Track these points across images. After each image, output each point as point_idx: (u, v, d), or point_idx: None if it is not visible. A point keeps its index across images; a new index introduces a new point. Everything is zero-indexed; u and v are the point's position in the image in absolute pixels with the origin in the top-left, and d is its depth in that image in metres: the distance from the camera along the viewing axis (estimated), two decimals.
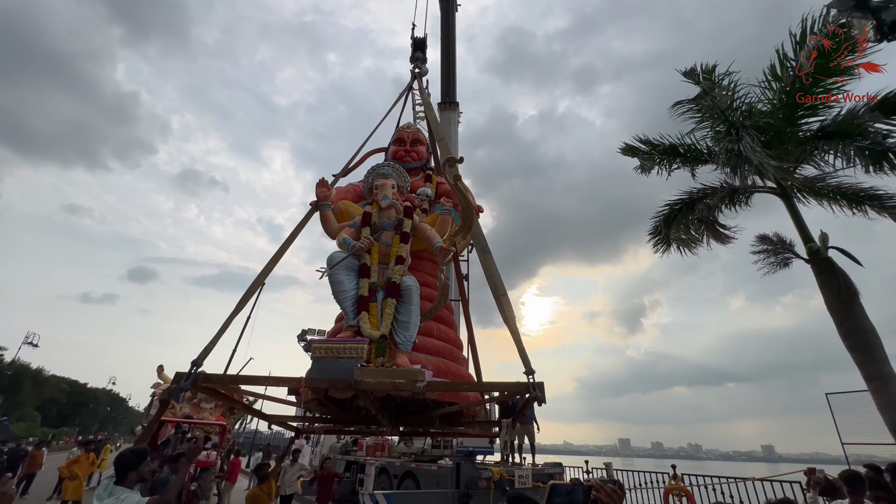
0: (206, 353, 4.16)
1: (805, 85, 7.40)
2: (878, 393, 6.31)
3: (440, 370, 4.64)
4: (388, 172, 5.53)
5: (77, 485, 9.68)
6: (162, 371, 24.32)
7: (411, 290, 4.67)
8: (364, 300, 4.63)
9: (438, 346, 4.88)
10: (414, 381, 3.67)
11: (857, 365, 6.62)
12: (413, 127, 6.87)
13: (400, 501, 7.63)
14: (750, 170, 6.72)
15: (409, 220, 5.11)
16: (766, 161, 6.20)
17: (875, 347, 6.52)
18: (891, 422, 6.16)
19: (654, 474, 10.37)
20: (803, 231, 7.70)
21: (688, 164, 9.18)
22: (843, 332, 6.83)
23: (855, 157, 6.47)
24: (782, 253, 8.12)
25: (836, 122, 6.85)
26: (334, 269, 4.69)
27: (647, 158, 9.12)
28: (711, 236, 8.70)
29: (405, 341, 4.51)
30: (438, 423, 4.76)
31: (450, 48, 14.22)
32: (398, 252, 4.90)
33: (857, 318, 6.70)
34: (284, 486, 9.76)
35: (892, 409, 6.15)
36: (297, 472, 10.31)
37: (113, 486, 3.04)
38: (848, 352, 6.77)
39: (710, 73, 8.25)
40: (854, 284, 6.90)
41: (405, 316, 4.55)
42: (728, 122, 8.06)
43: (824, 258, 7.28)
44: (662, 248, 8.89)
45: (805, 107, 7.68)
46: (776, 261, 8.17)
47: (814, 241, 7.39)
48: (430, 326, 5.05)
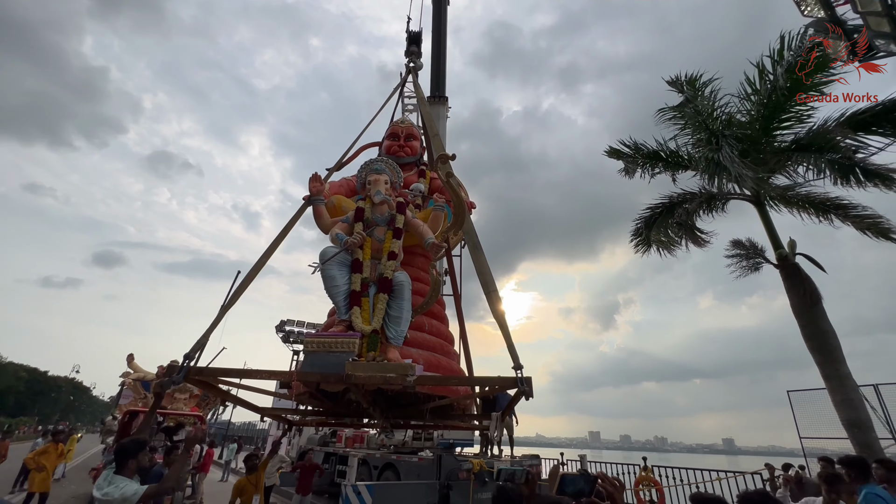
0: (199, 347, 4.13)
1: (780, 98, 7.78)
2: (835, 391, 6.78)
3: (431, 364, 4.72)
4: (381, 168, 5.56)
5: (44, 476, 9.37)
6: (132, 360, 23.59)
7: (403, 286, 4.74)
8: (356, 295, 4.66)
9: (430, 341, 4.97)
10: (404, 376, 3.73)
11: (817, 365, 7.07)
12: (407, 122, 6.88)
13: (382, 493, 7.72)
14: (728, 178, 7.04)
15: (402, 216, 5.16)
16: (743, 171, 6.51)
17: (834, 349, 6.98)
18: (845, 418, 6.63)
19: (625, 465, 10.82)
20: (774, 238, 8.12)
21: (669, 169, 9.51)
22: (806, 334, 7.27)
23: (826, 169, 6.86)
24: (754, 258, 8.55)
25: (809, 136, 7.24)
26: (327, 265, 4.72)
27: (630, 162, 9.40)
28: (689, 240, 9.08)
29: (396, 336, 4.59)
30: (430, 417, 4.86)
31: (441, 42, 14.15)
32: (390, 248, 4.96)
33: (819, 321, 7.15)
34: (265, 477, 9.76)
35: (847, 407, 6.62)
36: (277, 464, 10.29)
37: (113, 476, 3.11)
38: (809, 352, 7.23)
39: (693, 83, 8.55)
40: (818, 290, 7.35)
41: (396, 311, 4.62)
42: (709, 130, 8.39)
43: (792, 264, 7.71)
44: (643, 248, 9.23)
45: (780, 119, 8.08)
46: (748, 265, 8.61)
47: (783, 248, 7.80)
48: (422, 321, 5.14)
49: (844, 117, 7.32)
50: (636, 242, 9.27)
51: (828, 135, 6.79)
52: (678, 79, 8.59)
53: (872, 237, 8.04)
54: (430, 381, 4.10)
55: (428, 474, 8.98)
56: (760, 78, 8.07)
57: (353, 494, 7.41)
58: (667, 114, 8.80)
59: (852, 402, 6.62)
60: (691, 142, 8.96)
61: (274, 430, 20.56)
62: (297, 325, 21.68)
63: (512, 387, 3.63)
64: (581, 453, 11.64)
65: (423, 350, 4.87)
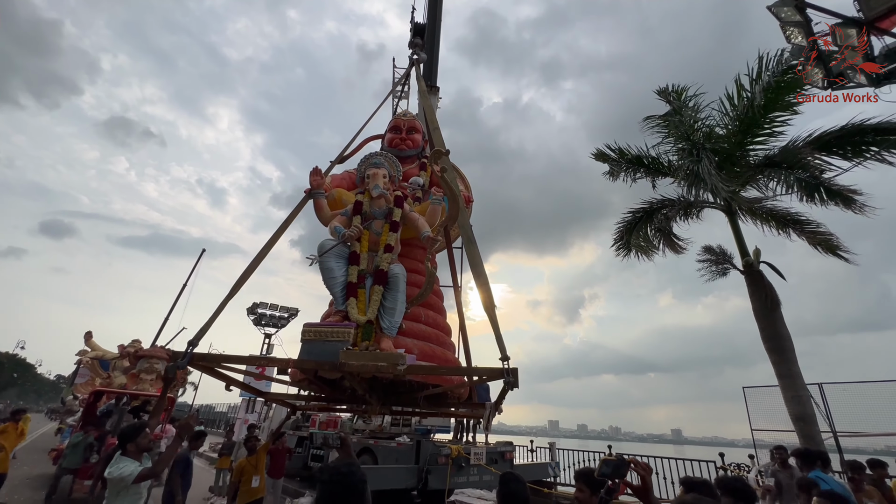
0: (202, 334, 4.23)
1: (756, 115, 8.31)
2: (787, 388, 7.46)
3: (426, 354, 4.89)
4: (379, 162, 5.68)
5: (3, 456, 8.96)
6: (90, 338, 22.50)
7: (398, 278, 4.90)
8: (353, 286, 4.82)
9: (425, 331, 5.14)
10: (395, 365, 3.89)
11: (773, 364, 7.74)
12: (409, 115, 6.93)
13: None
14: (705, 189, 7.51)
15: (399, 210, 5.30)
16: (719, 185, 6.97)
17: (788, 350, 7.66)
18: (793, 413, 7.33)
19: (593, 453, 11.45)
20: (742, 246, 8.73)
21: (650, 174, 9.98)
22: (765, 335, 7.92)
23: (794, 186, 7.44)
24: (722, 264, 9.17)
25: (780, 153, 7.80)
26: (324, 257, 4.83)
27: (615, 165, 9.79)
28: (667, 245, 9.60)
29: (390, 326, 4.75)
30: (426, 404, 5.04)
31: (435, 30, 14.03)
32: (387, 240, 5.12)
33: (777, 324, 7.80)
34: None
35: (796, 403, 7.31)
36: None
37: (118, 457, 3.44)
38: (767, 352, 7.89)
39: (679, 95, 8.98)
40: (777, 295, 8.00)
41: (391, 302, 4.78)
42: (690, 141, 8.86)
43: (756, 271, 8.33)
44: (624, 252, 9.70)
45: (754, 134, 8.63)
46: (717, 270, 9.23)
47: (749, 256, 8.41)
48: (418, 312, 5.29)
49: (812, 137, 7.93)
50: (617, 246, 9.72)
51: (797, 154, 7.34)
52: (667, 89, 8.99)
53: (822, 252, 8.80)
54: (420, 370, 4.26)
55: (406, 459, 9.22)
56: (738, 95, 8.58)
57: None
58: (653, 122, 9.20)
59: (801, 398, 7.32)
60: (673, 150, 9.42)
61: (243, 413, 20.30)
62: (269, 308, 21.27)
63: (499, 377, 3.71)
64: (551, 440, 12.20)
65: (418, 340, 5.03)
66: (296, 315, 21.41)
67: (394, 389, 5.05)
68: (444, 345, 5.15)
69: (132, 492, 3.38)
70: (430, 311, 5.37)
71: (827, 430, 7.93)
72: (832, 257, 8.55)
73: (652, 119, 9.17)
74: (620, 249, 9.72)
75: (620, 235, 9.58)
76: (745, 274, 8.51)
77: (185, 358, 3.95)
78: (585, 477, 2.55)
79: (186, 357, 3.95)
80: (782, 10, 5.55)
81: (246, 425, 20.28)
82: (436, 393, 5.00)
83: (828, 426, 7.91)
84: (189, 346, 4.03)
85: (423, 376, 4.75)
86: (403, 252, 5.56)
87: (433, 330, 5.19)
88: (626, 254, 9.66)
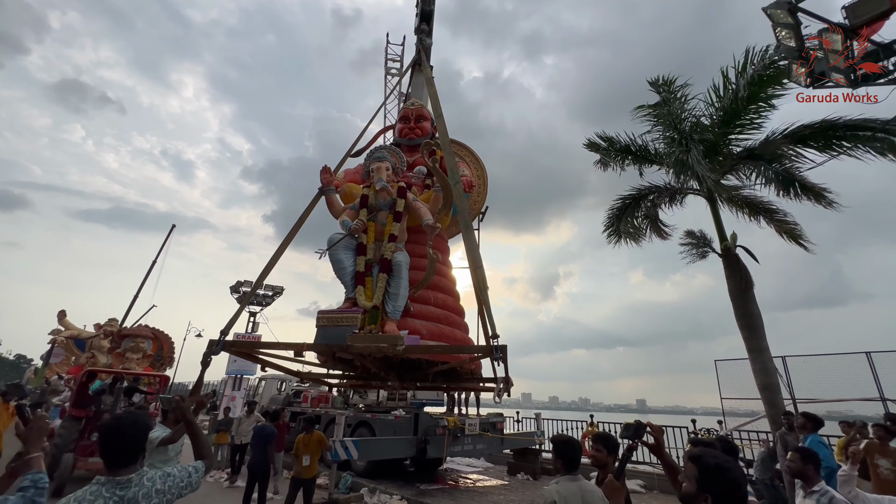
0: (232, 324, 4.68)
1: (739, 106, 8.79)
2: (755, 361, 8.23)
3: (434, 334, 5.25)
4: (382, 156, 6.02)
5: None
6: (64, 317, 21.84)
7: (400, 265, 5.31)
8: (360, 275, 5.26)
9: (434, 313, 5.48)
10: (394, 345, 4.30)
11: (745, 339, 8.49)
12: (418, 104, 7.08)
13: (367, 447, 8.31)
14: (691, 177, 7.99)
15: (403, 200, 5.66)
16: (707, 174, 7.46)
17: (758, 327, 8.40)
18: (760, 382, 8.14)
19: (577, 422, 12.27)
20: (721, 231, 9.36)
21: (637, 162, 10.42)
22: (738, 314, 8.64)
23: (773, 179, 8.00)
24: (702, 247, 9.83)
25: (760, 146, 8.33)
26: (333, 249, 5.27)
27: (605, 155, 10.17)
28: (653, 231, 10.16)
29: (394, 310, 5.17)
30: (442, 379, 5.44)
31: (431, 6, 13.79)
32: (391, 230, 5.50)
33: (750, 304, 8.52)
34: (240, 435, 9.89)
35: (763, 373, 8.11)
36: (253, 423, 10.42)
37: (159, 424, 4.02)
38: (739, 329, 8.63)
39: (668, 85, 9.34)
40: (751, 277, 8.69)
41: (394, 288, 5.21)
42: (678, 131, 9.30)
43: (733, 255, 8.99)
44: (615, 239, 10.22)
45: (736, 125, 9.15)
46: (697, 253, 9.89)
47: (727, 241, 9.06)
48: (428, 295, 5.62)
49: (788, 131, 8.48)
50: (608, 233, 10.22)
51: (776, 147, 7.88)
52: (657, 80, 9.34)
53: (787, 240, 9.57)
54: (417, 349, 4.63)
55: (404, 431, 9.68)
56: (724, 86, 9.01)
57: (342, 449, 7.93)
58: (643, 111, 9.57)
59: (768, 370, 8.11)
60: (660, 139, 9.86)
61: (230, 390, 20.37)
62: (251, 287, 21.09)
63: (487, 354, 4.05)
64: (536, 412, 12.97)
65: (427, 321, 5.39)
66: (281, 293, 21.34)
67: (409, 367, 5.42)
68: (454, 325, 5.51)
69: (159, 452, 3.99)
70: (439, 293, 5.69)
71: (787, 397, 8.83)
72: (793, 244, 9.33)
73: (643, 108, 9.54)
74: (611, 236, 10.23)
75: (611, 222, 10.07)
76: (722, 257, 9.16)
77: (219, 345, 4.35)
78: (604, 439, 2.98)
79: (220, 345, 4.35)
80: (776, 12, 5.90)
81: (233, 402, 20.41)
82: (446, 369, 5.39)
83: (788, 394, 8.82)
84: (221, 334, 4.41)
85: (430, 354, 5.12)
86: (412, 239, 5.86)
87: (442, 311, 5.54)
88: (616, 240, 10.19)
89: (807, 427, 4.90)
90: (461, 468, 11.78)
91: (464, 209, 5.08)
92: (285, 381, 17.08)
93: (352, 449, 8.07)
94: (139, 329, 15.98)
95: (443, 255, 6.32)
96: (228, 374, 19.74)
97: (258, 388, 17.99)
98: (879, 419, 5.80)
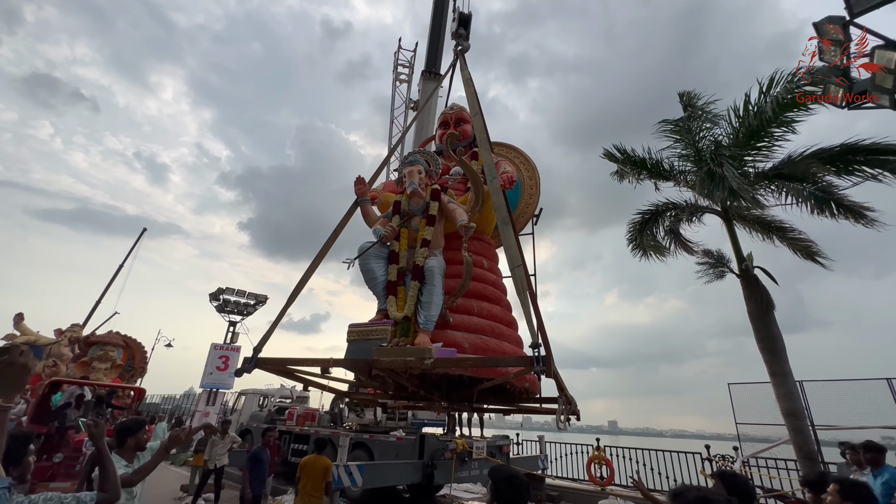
0: (265, 341, 4.43)
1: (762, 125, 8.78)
2: (779, 385, 8.00)
3: (478, 347, 4.73)
4: (414, 159, 5.75)
5: None
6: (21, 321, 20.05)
7: (433, 271, 4.86)
8: (392, 285, 4.92)
9: (479, 324, 4.97)
10: (422, 359, 3.82)
11: (766, 363, 8.27)
12: (456, 107, 6.93)
13: (371, 472, 7.59)
14: (723, 192, 7.85)
15: (436, 203, 5.30)
16: (745, 187, 7.33)
17: (780, 350, 8.21)
18: (785, 408, 7.89)
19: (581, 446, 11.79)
20: (738, 250, 9.24)
21: (652, 177, 10.30)
22: (759, 336, 8.44)
23: (808, 199, 7.94)
24: (719, 267, 9.70)
25: (787, 165, 8.30)
26: (364, 259, 4.98)
27: (624, 165, 10.03)
28: (679, 246, 9.99)
29: (426, 321, 4.68)
30: (493, 399, 4.91)
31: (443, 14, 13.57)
32: (423, 235, 5.10)
33: (771, 326, 8.34)
34: (213, 458, 9.00)
35: (788, 398, 7.87)
36: (229, 444, 9.49)
37: (113, 454, 3.14)
38: (760, 352, 8.42)
39: (692, 101, 9.30)
40: (772, 298, 8.55)
41: (427, 297, 4.75)
42: (697, 148, 9.23)
43: (752, 275, 8.85)
44: (640, 253, 10.02)
45: (752, 147, 9.14)
46: (714, 272, 9.75)
47: (747, 261, 8.93)
48: (470, 305, 5.12)
49: (808, 152, 8.49)
50: (632, 247, 10.02)
51: (810, 167, 7.85)
52: (684, 93, 9.30)
53: (802, 258, 9.56)
54: (447, 363, 4.13)
55: (408, 454, 8.98)
56: (745, 107, 9.02)
57: (345, 474, 7.20)
58: (666, 125, 9.49)
59: (792, 394, 7.89)
60: (678, 155, 9.77)
61: (202, 406, 18.97)
62: (235, 295, 19.93)
63: (528, 366, 3.52)
64: (539, 434, 12.43)
65: (469, 333, 4.87)
66: (264, 302, 20.29)
67: (454, 385, 4.88)
68: (502, 337, 5.00)
69: None
70: (483, 302, 5.20)
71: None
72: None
73: (667, 122, 9.45)
74: (636, 249, 10.02)
75: (633, 236, 9.87)
76: (740, 278, 9.02)
77: (252, 363, 4.17)
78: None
79: (253, 362, 4.17)
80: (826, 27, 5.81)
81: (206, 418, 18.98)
82: (491, 386, 4.86)
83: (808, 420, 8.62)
84: (255, 352, 4.25)
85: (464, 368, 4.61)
86: (452, 245, 5.41)
87: (488, 322, 5.03)
88: (642, 254, 9.98)
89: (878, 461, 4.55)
90: (460, 494, 11.07)
91: (501, 205, 4.65)
92: (268, 396, 16.01)
93: (356, 474, 7.34)
94: (109, 336, 14.69)
95: (489, 262, 5.85)
96: (203, 388, 18.39)
97: (236, 404, 16.80)
98: None
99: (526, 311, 3.78)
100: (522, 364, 3.66)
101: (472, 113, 6.16)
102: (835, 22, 5.66)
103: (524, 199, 6.48)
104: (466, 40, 6.69)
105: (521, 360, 3.71)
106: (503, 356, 4.85)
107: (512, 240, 4.28)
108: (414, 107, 15.60)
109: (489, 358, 4.59)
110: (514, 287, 4.27)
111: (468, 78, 6.20)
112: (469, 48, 6.67)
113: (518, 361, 3.83)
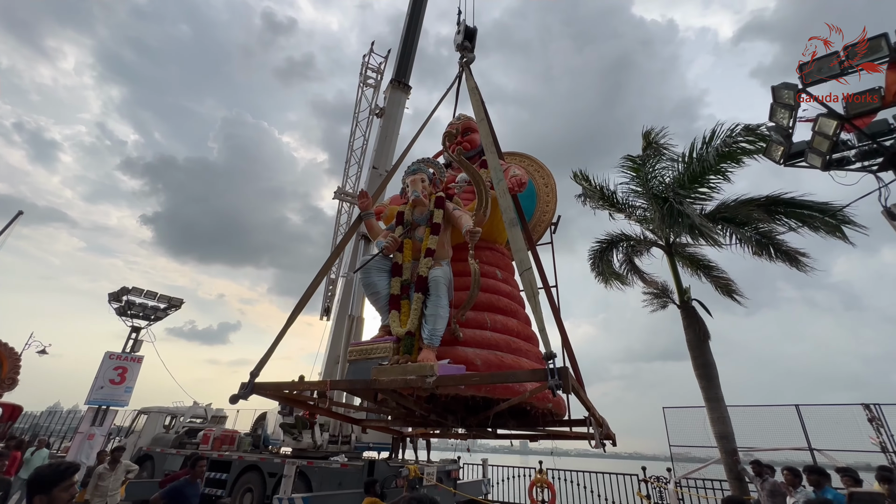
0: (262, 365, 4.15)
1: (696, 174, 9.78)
2: (713, 410, 8.69)
3: (492, 364, 4.40)
4: (416, 168, 5.53)
5: None
6: None
7: (438, 282, 4.55)
8: (395, 298, 4.60)
9: (493, 339, 4.66)
10: (423, 377, 3.54)
11: (701, 389, 8.97)
12: (463, 118, 6.78)
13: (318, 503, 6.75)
14: (685, 228, 8.52)
15: (440, 211, 5.05)
16: (704, 224, 8.00)
17: (714, 377, 8.96)
18: (717, 431, 8.56)
19: (522, 469, 11.77)
20: (678, 283, 10.05)
21: (606, 207, 10.95)
22: (696, 364, 9.15)
23: (748, 241, 8.86)
24: (663, 297, 10.46)
25: (725, 209, 9.27)
26: (363, 272, 4.74)
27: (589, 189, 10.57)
28: (636, 275, 10.59)
29: (431, 336, 4.31)
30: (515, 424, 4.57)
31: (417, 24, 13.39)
32: (427, 245, 4.83)
33: (707, 354, 9.10)
34: (103, 495, 7.15)
35: (720, 422, 8.56)
36: (122, 476, 7.72)
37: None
38: (696, 378, 9.11)
39: (651, 141, 10.07)
40: (707, 329, 9.35)
41: (431, 310, 4.42)
42: (648, 187, 9.99)
43: (690, 306, 9.65)
44: (602, 281, 10.46)
45: (694, 190, 10.14)
46: (659, 302, 10.49)
47: (687, 293, 9.73)
48: (483, 318, 4.82)
49: (739, 200, 9.58)
50: (595, 273, 10.45)
51: (751, 211, 8.80)
52: (649, 132, 10.04)
53: (721, 294, 10.71)
54: (450, 381, 3.85)
55: (353, 482, 8.19)
56: (689, 154, 9.99)
57: None
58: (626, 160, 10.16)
59: (724, 419, 8.60)
60: (630, 191, 10.50)
61: (86, 426, 15.92)
62: (143, 296, 17.26)
63: (542, 381, 3.12)
64: (483, 457, 12.20)
65: (482, 349, 4.55)
66: (178, 307, 17.84)
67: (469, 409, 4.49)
68: (519, 352, 4.71)
69: None
70: (497, 315, 4.92)
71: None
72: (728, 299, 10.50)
73: (629, 158, 10.11)
74: (598, 276, 10.45)
75: (594, 264, 10.31)
76: (681, 308, 9.78)
77: (249, 388, 3.86)
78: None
79: (249, 387, 3.86)
80: (783, 91, 6.57)
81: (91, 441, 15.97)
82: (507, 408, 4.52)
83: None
84: (251, 377, 3.94)
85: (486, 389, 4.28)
86: (458, 256, 5.11)
87: (503, 336, 4.74)
88: (604, 282, 10.42)
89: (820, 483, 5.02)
90: None
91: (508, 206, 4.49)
92: (177, 415, 13.93)
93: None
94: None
95: (503, 272, 5.59)
96: (89, 404, 15.51)
97: (135, 424, 14.38)
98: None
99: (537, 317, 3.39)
100: (534, 378, 3.29)
101: (478, 119, 6.03)
102: (790, 88, 6.46)
103: (540, 207, 6.40)
104: (472, 52, 6.69)
105: (533, 374, 3.29)
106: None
107: (520, 242, 4.01)
108: (379, 113, 15.13)
109: (496, 373, 4.18)
110: (525, 293, 4.05)
111: (474, 87, 6.08)
112: (474, 59, 6.65)
113: (529, 375, 3.45)
